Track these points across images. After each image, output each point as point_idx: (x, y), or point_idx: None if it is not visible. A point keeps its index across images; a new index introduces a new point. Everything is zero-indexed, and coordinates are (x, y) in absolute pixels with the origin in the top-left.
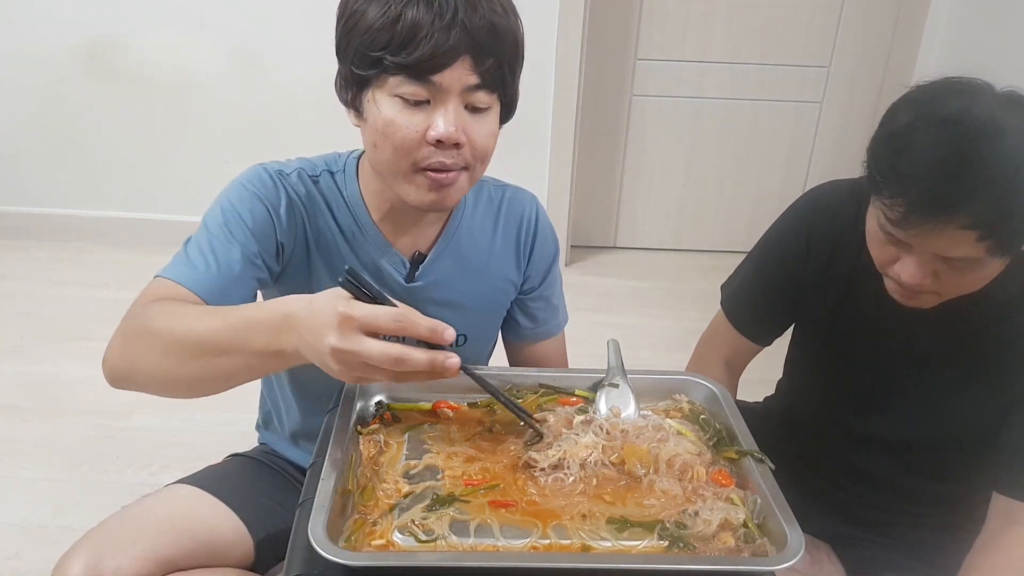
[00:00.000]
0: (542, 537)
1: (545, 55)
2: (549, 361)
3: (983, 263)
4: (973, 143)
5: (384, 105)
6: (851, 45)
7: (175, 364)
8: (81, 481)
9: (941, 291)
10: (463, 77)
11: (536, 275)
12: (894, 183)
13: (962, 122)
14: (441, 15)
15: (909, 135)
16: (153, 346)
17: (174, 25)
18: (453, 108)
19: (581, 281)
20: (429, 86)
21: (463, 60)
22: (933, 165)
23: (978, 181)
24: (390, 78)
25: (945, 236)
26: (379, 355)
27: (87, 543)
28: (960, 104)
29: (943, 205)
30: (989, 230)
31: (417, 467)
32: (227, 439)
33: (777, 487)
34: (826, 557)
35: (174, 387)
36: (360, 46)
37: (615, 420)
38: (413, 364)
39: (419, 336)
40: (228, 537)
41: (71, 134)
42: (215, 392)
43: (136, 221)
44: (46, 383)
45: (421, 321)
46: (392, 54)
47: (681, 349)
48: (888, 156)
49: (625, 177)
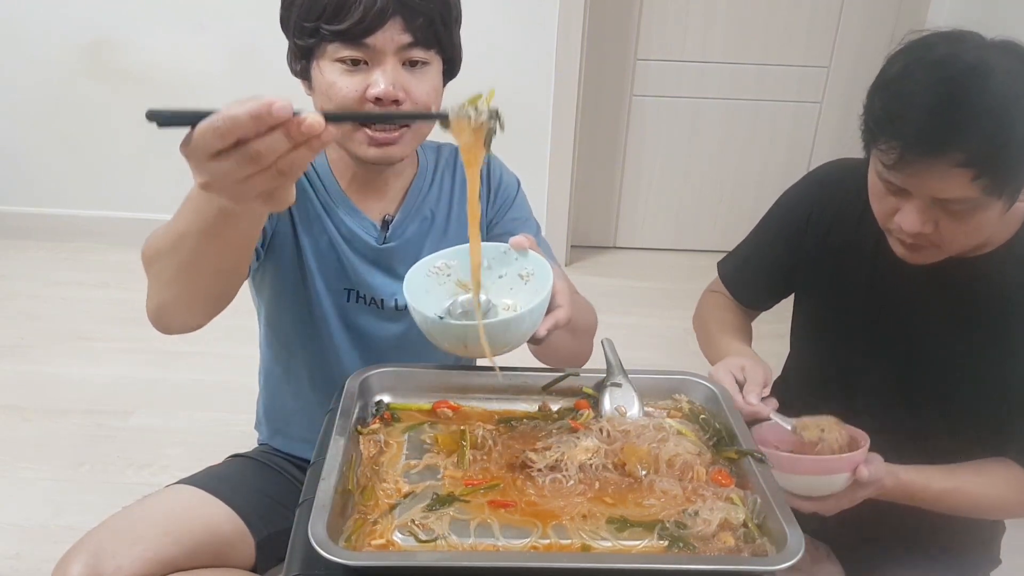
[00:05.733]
0: (542, 537)
1: (545, 55)
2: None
3: (981, 207)
4: (963, 82)
5: (327, 71)
6: (851, 45)
7: (175, 276)
8: (81, 481)
9: (942, 242)
10: (395, 37)
11: (501, 211)
12: (888, 127)
13: (952, 64)
14: None
15: (900, 80)
16: (158, 273)
17: (174, 25)
18: (391, 67)
19: (581, 281)
20: (364, 48)
21: (393, 21)
22: (924, 105)
23: (969, 118)
24: (328, 45)
25: (940, 175)
26: (205, 129)
27: (87, 543)
28: (950, 48)
29: (936, 143)
30: (983, 168)
31: (417, 467)
32: (227, 439)
33: (777, 487)
34: (825, 557)
35: (194, 298)
36: (298, 18)
37: (620, 420)
38: (231, 118)
39: (239, 121)
40: (229, 537)
41: (72, 134)
42: (232, 287)
43: (136, 221)
44: (46, 383)
45: (237, 112)
46: (327, 23)
47: (681, 349)
48: (881, 101)
49: (625, 177)
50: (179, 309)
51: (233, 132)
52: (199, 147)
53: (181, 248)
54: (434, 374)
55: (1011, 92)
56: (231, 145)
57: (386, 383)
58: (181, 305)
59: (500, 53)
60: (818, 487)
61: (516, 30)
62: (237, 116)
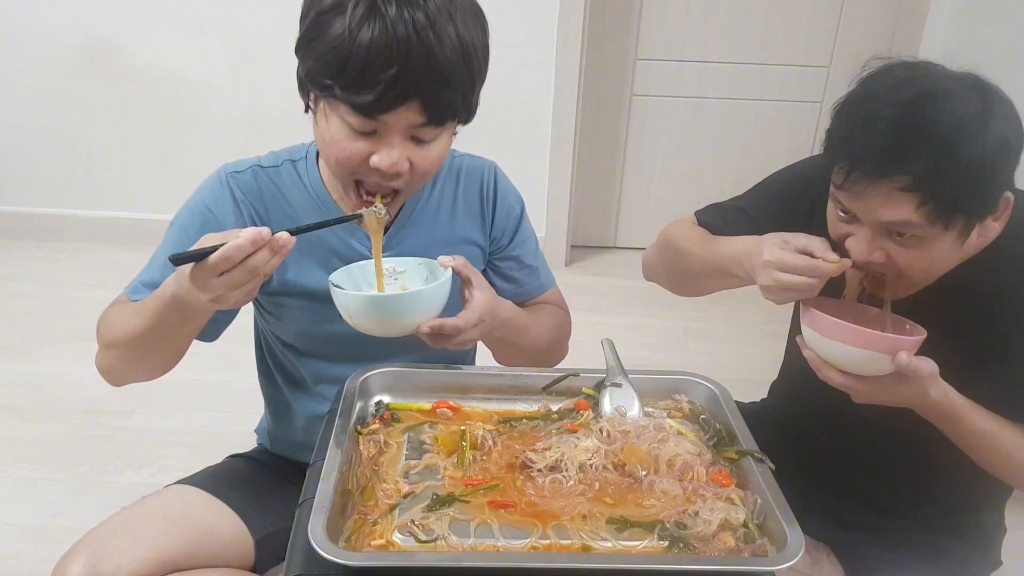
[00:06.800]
0: (542, 537)
1: (545, 55)
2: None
3: (929, 238)
4: (914, 108)
5: (333, 125)
6: (851, 45)
7: (131, 359)
8: (81, 481)
9: (901, 276)
10: (411, 117)
11: (502, 235)
12: (839, 147)
13: (904, 89)
14: (390, 57)
15: (854, 103)
16: (114, 354)
17: (174, 26)
18: (399, 142)
19: (581, 281)
20: (375, 122)
21: (411, 104)
22: (873, 127)
23: (915, 143)
24: (340, 104)
25: (884, 198)
26: (218, 259)
27: (87, 543)
28: (907, 73)
29: (882, 164)
30: (927, 194)
31: (417, 467)
32: (227, 439)
33: (777, 487)
34: (825, 557)
35: (145, 369)
36: (315, 67)
37: (619, 420)
38: (238, 247)
39: (243, 248)
40: (228, 537)
41: (71, 134)
42: (180, 357)
43: (136, 221)
44: (46, 383)
45: (241, 242)
46: (343, 88)
47: (681, 349)
48: (836, 123)
49: (625, 177)
50: (129, 376)
51: (240, 254)
52: (210, 269)
53: (138, 341)
54: (434, 374)
55: (962, 121)
56: (235, 265)
57: (386, 383)
58: (131, 373)
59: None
60: (856, 361)
61: (516, 30)
62: (241, 244)
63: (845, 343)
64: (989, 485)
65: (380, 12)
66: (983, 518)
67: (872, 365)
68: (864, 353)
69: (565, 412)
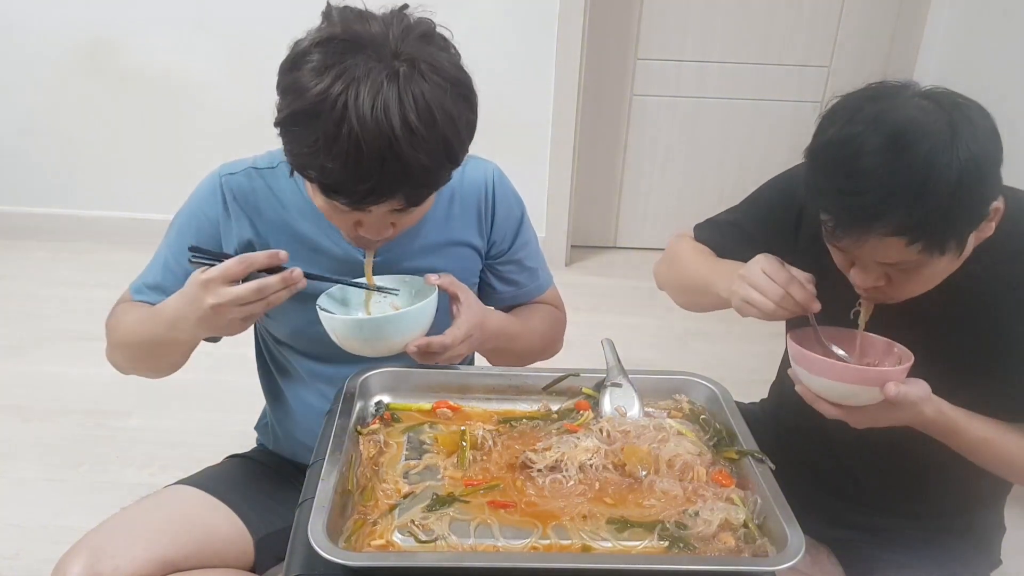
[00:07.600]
0: (542, 537)
1: (545, 55)
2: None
3: (926, 262)
4: (881, 160)
5: (317, 198)
6: (851, 45)
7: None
8: (81, 481)
9: (900, 292)
10: (392, 205)
11: (503, 239)
12: (818, 199)
13: (869, 137)
14: (363, 174)
15: (822, 151)
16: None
17: (174, 25)
18: (383, 215)
19: (581, 281)
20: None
21: (390, 201)
22: (843, 182)
23: (888, 196)
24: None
25: (874, 244)
26: (246, 292)
27: (87, 543)
28: (873, 111)
29: (859, 219)
30: (914, 234)
31: (417, 467)
32: (227, 439)
33: (777, 487)
34: (825, 557)
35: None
36: (293, 160)
37: (620, 420)
38: (271, 286)
39: (261, 265)
40: (228, 537)
41: (71, 134)
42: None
43: (136, 221)
44: (46, 383)
45: (258, 255)
46: (320, 187)
47: (681, 349)
48: (809, 172)
49: (625, 177)
50: (136, 373)
51: (253, 265)
52: (223, 273)
53: (141, 347)
54: (434, 374)
55: (931, 157)
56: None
57: (386, 383)
58: (138, 372)
59: (500, 53)
60: (846, 396)
61: (516, 30)
62: (256, 256)
63: (833, 380)
64: (988, 484)
65: (352, 124)
66: (982, 517)
67: (863, 396)
68: (853, 388)
69: (565, 412)
